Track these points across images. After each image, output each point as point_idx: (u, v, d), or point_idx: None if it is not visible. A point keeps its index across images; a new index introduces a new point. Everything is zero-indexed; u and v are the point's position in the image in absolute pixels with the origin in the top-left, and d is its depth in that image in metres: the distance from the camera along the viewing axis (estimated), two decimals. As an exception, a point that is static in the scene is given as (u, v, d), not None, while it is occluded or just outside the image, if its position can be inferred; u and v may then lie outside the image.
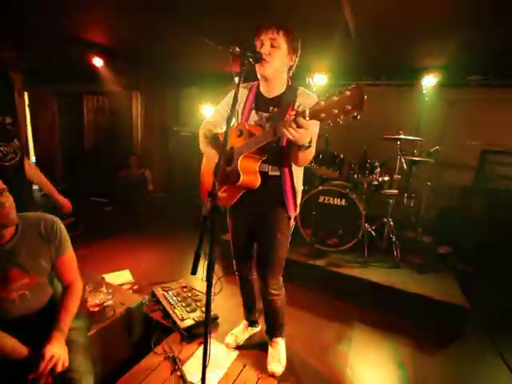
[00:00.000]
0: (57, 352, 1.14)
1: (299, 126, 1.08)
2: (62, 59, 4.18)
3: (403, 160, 2.95)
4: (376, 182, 3.03)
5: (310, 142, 1.21)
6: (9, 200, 1.21)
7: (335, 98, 0.93)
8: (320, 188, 2.97)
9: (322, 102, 0.98)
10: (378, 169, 3.02)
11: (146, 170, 4.87)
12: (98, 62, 3.96)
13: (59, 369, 1.12)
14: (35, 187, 2.10)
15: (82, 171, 5.64)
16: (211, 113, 1.71)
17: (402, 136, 2.84)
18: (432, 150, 2.99)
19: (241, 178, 1.34)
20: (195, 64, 4.48)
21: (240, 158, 1.35)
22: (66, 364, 1.15)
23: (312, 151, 1.34)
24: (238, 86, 1.18)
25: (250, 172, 1.38)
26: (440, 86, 3.63)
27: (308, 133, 1.15)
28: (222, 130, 1.63)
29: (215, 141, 1.58)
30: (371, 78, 4.03)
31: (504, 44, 2.75)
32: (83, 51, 3.82)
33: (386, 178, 3.04)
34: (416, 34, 2.71)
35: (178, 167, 5.51)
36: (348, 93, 0.90)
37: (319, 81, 3.96)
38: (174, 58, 4.34)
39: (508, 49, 2.86)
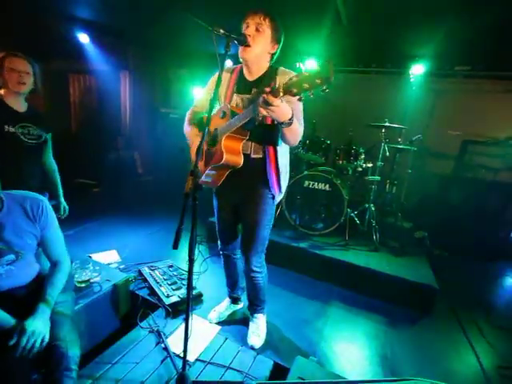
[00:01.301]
0: (38, 327, 1.17)
1: (271, 104, 1.10)
2: (45, 35, 4.02)
3: (386, 147, 3.03)
4: (360, 169, 3.12)
5: (291, 119, 1.24)
6: None
7: (306, 74, 0.98)
8: (305, 173, 3.04)
9: (294, 78, 1.02)
10: (363, 155, 3.10)
11: (134, 153, 4.84)
12: (83, 38, 3.83)
13: (38, 344, 1.15)
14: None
15: (69, 152, 5.52)
16: (197, 98, 1.74)
17: (386, 123, 2.91)
18: (414, 138, 3.07)
19: (224, 156, 1.38)
20: (186, 45, 4.39)
21: (223, 138, 1.39)
22: (46, 340, 1.19)
23: (298, 128, 1.36)
24: (222, 68, 1.21)
25: (233, 152, 1.42)
26: (428, 76, 3.68)
27: (285, 109, 1.17)
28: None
29: (200, 124, 1.61)
30: (361, 65, 4.05)
31: (492, 35, 2.79)
32: (68, 26, 3.69)
33: (370, 165, 3.12)
34: (405, 20, 2.72)
35: (167, 150, 5.46)
36: (318, 68, 0.96)
37: (309, 67, 3.95)
38: (164, 38, 4.23)
39: (496, 40, 2.91)
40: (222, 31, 1.14)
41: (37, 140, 1.88)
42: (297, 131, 1.36)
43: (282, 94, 1.06)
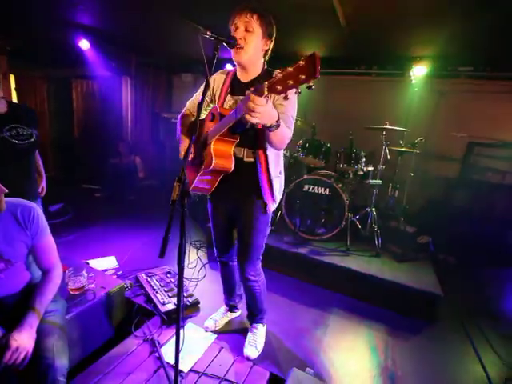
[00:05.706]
0: (23, 342, 1.14)
1: (255, 103, 1.02)
2: (49, 41, 4.07)
3: (387, 150, 2.97)
4: (361, 172, 3.06)
5: (278, 121, 1.18)
6: None
7: (290, 69, 0.89)
8: (305, 177, 2.99)
9: (279, 75, 0.93)
10: (364, 159, 3.04)
11: (136, 157, 4.85)
12: (84, 44, 3.86)
13: (19, 361, 1.12)
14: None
15: (72, 157, 5.59)
16: (188, 101, 1.71)
17: (386, 126, 2.85)
18: (416, 140, 3.01)
19: (213, 161, 1.32)
20: (188, 49, 4.38)
21: (213, 142, 1.34)
22: (29, 355, 1.15)
23: (285, 132, 1.30)
24: (210, 72, 1.17)
25: (223, 155, 1.37)
26: (430, 77, 3.62)
27: (269, 110, 1.10)
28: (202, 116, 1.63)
29: (191, 128, 1.58)
30: (362, 67, 4.00)
31: (495, 35, 2.73)
32: (70, 33, 3.72)
33: (371, 168, 3.06)
34: (405, 21, 2.67)
35: (169, 155, 5.48)
36: (302, 62, 0.86)
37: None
38: (165, 43, 4.24)
39: (499, 41, 2.84)
40: (209, 34, 1.11)
41: (28, 140, 1.78)
42: (283, 135, 1.29)
43: (266, 92, 0.98)
